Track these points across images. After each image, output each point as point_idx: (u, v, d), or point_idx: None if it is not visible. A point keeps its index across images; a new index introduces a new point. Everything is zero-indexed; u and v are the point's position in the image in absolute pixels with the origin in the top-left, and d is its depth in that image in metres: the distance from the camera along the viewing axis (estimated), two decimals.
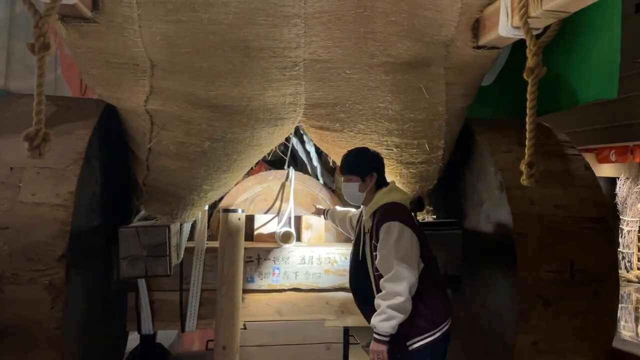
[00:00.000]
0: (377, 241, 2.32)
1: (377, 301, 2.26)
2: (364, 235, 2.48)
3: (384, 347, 2.22)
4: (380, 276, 2.30)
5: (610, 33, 2.47)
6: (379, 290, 2.32)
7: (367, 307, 2.45)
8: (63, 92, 4.04)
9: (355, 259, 2.55)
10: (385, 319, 2.21)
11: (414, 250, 2.29)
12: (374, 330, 2.24)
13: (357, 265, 2.53)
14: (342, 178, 2.55)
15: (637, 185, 7.30)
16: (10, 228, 2.08)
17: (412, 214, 2.87)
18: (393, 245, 2.25)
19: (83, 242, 2.33)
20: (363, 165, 2.47)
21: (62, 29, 2.31)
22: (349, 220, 2.98)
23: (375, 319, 2.24)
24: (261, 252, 3.24)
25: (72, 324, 2.24)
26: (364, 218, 2.50)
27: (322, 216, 3.32)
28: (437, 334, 2.29)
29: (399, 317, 2.20)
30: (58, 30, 2.41)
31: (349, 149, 2.57)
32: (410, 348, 2.27)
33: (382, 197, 2.42)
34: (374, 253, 2.35)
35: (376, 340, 2.24)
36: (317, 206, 3.40)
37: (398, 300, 2.20)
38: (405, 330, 2.25)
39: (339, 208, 3.21)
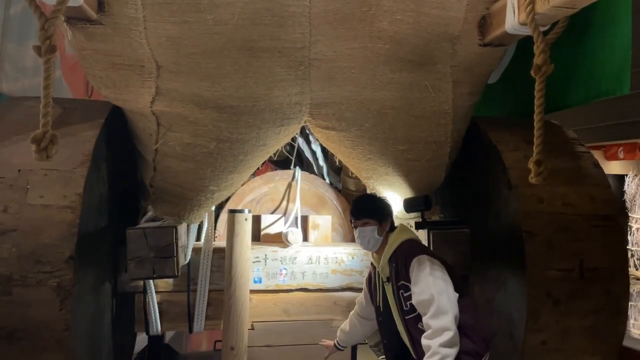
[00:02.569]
0: (406, 280, 2.25)
1: (425, 342, 2.13)
2: (382, 286, 2.42)
3: None
4: (414, 320, 2.24)
5: (620, 29, 2.44)
6: (413, 336, 2.26)
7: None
8: (63, 94, 4.04)
9: (386, 315, 2.46)
10: (440, 359, 2.08)
11: (449, 281, 2.21)
12: None
13: (389, 319, 2.45)
14: (356, 222, 2.46)
15: None
16: (19, 230, 2.09)
17: (421, 214, 2.86)
18: (429, 279, 2.17)
19: (91, 243, 2.33)
20: (381, 209, 2.42)
21: (67, 30, 2.32)
22: (356, 314, 2.79)
23: None
24: (268, 252, 3.24)
25: (81, 325, 2.24)
26: (380, 266, 2.43)
27: (336, 347, 2.85)
28: None
29: (453, 354, 2.08)
30: (60, 32, 2.42)
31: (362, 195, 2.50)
32: None
33: (397, 237, 2.37)
34: (404, 294, 2.26)
35: None
36: (324, 344, 2.93)
37: (448, 335, 2.08)
38: None
39: (344, 327, 2.86)
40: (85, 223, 2.22)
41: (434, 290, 2.15)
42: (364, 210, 2.45)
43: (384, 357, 3.30)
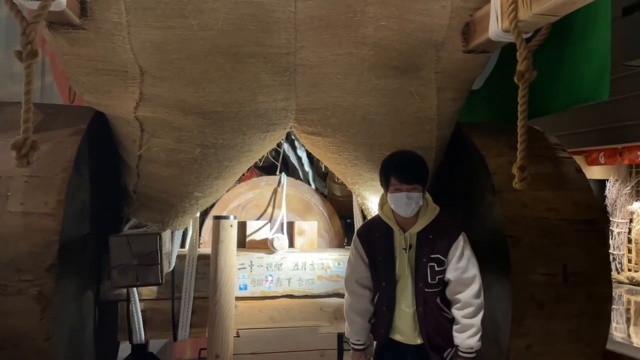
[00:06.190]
0: (443, 254, 2.29)
1: (470, 321, 2.27)
2: (399, 252, 2.34)
3: None
4: (434, 294, 2.30)
5: (600, 36, 2.48)
6: (427, 310, 2.30)
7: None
8: (53, 99, 4.01)
9: (391, 284, 2.34)
10: (480, 334, 2.29)
11: None
12: (471, 350, 2.29)
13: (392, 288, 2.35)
14: (403, 185, 2.25)
15: (627, 187, 7.38)
16: None
17: None
18: (474, 258, 2.32)
19: (73, 251, 2.30)
20: (427, 176, 2.36)
21: (49, 36, 2.29)
22: (361, 288, 2.44)
23: (472, 340, 2.27)
24: (254, 259, 3.21)
25: (62, 334, 2.20)
26: (409, 232, 2.31)
27: (358, 350, 2.48)
28: None
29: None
30: (47, 37, 2.39)
31: (403, 153, 2.39)
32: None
33: (433, 207, 2.35)
34: (436, 268, 2.28)
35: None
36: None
37: (482, 313, 2.29)
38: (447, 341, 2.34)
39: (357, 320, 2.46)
40: (67, 230, 2.18)
41: (477, 270, 2.31)
42: (418, 176, 2.27)
43: None
